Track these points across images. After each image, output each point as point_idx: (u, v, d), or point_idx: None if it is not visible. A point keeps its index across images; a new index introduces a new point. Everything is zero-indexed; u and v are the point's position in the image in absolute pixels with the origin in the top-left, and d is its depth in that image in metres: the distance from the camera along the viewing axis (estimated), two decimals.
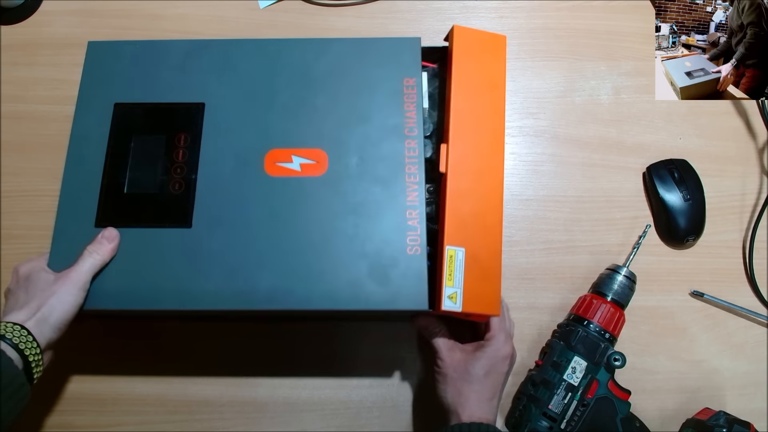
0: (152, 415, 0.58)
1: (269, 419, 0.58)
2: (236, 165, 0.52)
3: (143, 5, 0.68)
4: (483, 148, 0.52)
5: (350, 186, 0.51)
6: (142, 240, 0.50)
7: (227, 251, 0.50)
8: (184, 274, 0.49)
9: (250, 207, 0.51)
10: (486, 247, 0.50)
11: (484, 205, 0.51)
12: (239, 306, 0.49)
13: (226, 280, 0.49)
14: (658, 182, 0.62)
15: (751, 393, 0.59)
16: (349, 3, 0.68)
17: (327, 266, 0.49)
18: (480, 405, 0.49)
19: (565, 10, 0.68)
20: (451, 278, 0.48)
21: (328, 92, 0.54)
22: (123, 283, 0.49)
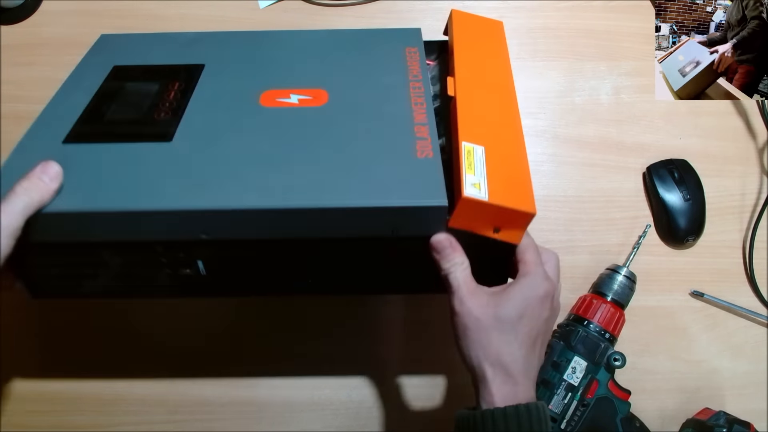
0: (152, 415, 0.58)
1: (269, 419, 0.58)
2: (230, 99, 0.48)
3: (143, 5, 0.68)
4: (491, 79, 0.49)
5: (353, 111, 0.46)
6: (115, 154, 0.43)
7: (212, 160, 0.42)
8: (159, 177, 0.41)
9: (241, 129, 0.45)
10: (508, 148, 0.42)
11: (499, 114, 0.45)
12: (228, 204, 0.39)
13: (210, 178, 0.41)
14: (658, 182, 0.62)
15: (751, 393, 0.59)
16: (349, 3, 0.68)
17: (329, 171, 0.41)
18: (514, 362, 0.38)
19: (565, 10, 0.68)
20: (472, 168, 0.39)
21: (330, 56, 0.52)
22: (86, 187, 0.41)
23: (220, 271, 0.43)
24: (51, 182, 0.39)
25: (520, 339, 0.39)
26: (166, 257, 0.42)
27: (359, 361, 0.59)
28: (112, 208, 0.39)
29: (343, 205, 0.39)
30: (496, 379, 0.38)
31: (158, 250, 0.42)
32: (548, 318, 0.41)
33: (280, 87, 0.48)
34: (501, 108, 0.46)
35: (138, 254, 0.42)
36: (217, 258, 0.42)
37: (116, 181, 0.41)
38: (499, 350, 0.38)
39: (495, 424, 0.37)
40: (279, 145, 0.43)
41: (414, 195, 0.39)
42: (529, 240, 0.42)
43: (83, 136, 0.45)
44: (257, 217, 0.39)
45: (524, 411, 0.37)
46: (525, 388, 0.38)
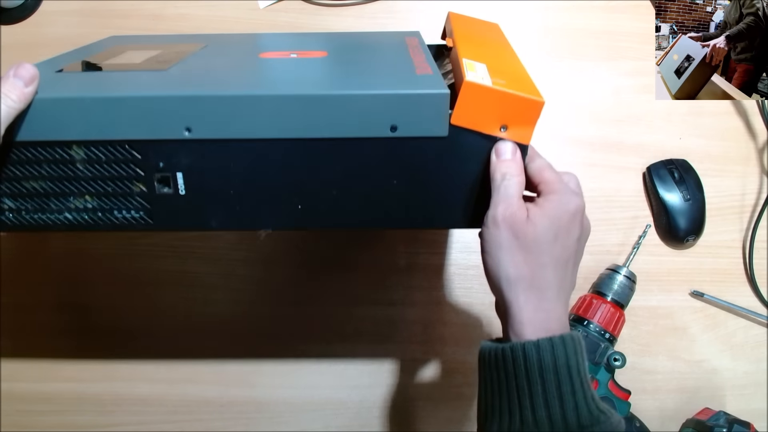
0: (152, 415, 0.58)
1: (269, 419, 0.58)
2: (229, 54, 0.47)
3: (143, 5, 0.68)
4: (491, 41, 0.48)
5: (353, 59, 0.45)
6: (109, 77, 0.41)
7: (205, 76, 0.41)
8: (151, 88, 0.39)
9: (238, 69, 0.43)
10: (510, 66, 0.41)
11: (499, 54, 0.44)
12: (215, 92, 0.37)
13: (205, 86, 0.39)
14: (658, 182, 0.62)
15: (751, 393, 0.59)
16: (349, 3, 0.68)
17: (326, 77, 0.41)
18: (548, 288, 0.35)
19: (565, 10, 0.68)
20: (473, 69, 0.38)
21: (330, 42, 0.52)
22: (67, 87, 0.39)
23: (200, 186, 0.39)
24: (27, 87, 0.35)
25: (554, 262, 0.36)
26: (142, 167, 0.38)
27: (358, 361, 0.59)
28: (88, 96, 0.37)
29: (339, 93, 0.37)
30: (528, 306, 0.35)
31: (135, 156, 0.38)
32: (579, 237, 0.38)
33: (279, 50, 0.47)
34: (499, 47, 0.45)
35: (111, 163, 0.38)
36: (199, 168, 0.38)
37: (99, 83, 0.39)
38: (533, 273, 0.35)
39: (527, 359, 0.33)
40: (274, 71, 0.42)
41: (413, 87, 0.37)
42: (543, 160, 0.40)
43: (78, 69, 0.43)
44: (246, 109, 0.36)
45: (559, 344, 0.33)
46: (558, 315, 0.35)
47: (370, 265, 0.61)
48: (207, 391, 0.58)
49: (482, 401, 0.36)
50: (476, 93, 0.36)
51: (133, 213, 0.40)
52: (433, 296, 0.61)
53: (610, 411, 0.34)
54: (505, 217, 0.36)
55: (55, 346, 0.60)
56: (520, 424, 0.33)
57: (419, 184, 0.39)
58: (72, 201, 0.40)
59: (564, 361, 0.33)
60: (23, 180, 0.39)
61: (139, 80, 0.40)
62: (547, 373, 0.33)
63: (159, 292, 0.61)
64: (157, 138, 0.37)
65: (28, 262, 0.61)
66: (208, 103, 0.36)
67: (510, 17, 0.68)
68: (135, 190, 0.39)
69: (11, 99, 0.34)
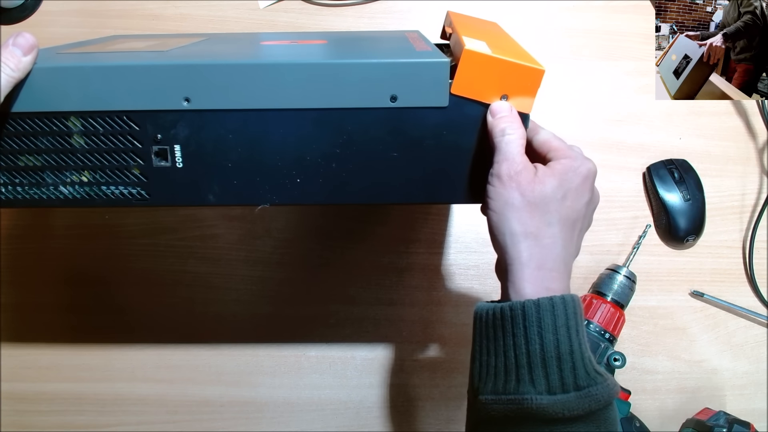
0: (152, 415, 0.58)
1: (269, 419, 0.58)
2: (230, 41, 0.47)
3: (143, 5, 0.68)
4: (491, 31, 0.48)
5: (353, 45, 0.45)
6: (108, 54, 0.41)
7: (205, 54, 0.41)
8: (150, 58, 0.39)
9: (238, 48, 0.43)
10: (509, 45, 0.41)
11: (499, 37, 0.44)
12: (215, 60, 0.37)
13: (204, 58, 0.39)
14: (658, 182, 0.62)
15: (751, 393, 0.59)
16: (349, 3, 0.68)
17: (328, 54, 0.40)
18: (552, 245, 0.35)
19: (565, 10, 0.68)
20: (473, 41, 0.38)
21: (330, 37, 0.51)
22: (65, 59, 0.38)
23: (198, 158, 0.38)
24: (25, 55, 0.35)
25: (562, 222, 0.35)
26: (140, 140, 0.38)
27: (358, 361, 0.59)
28: (89, 64, 0.36)
29: (338, 61, 0.36)
30: (531, 263, 0.34)
31: (132, 127, 0.38)
32: (589, 202, 0.37)
33: (281, 40, 0.47)
34: (499, 34, 0.45)
35: (108, 135, 0.38)
36: (197, 140, 0.38)
37: (98, 56, 0.39)
38: (539, 231, 0.35)
39: (526, 317, 0.33)
40: (274, 51, 0.41)
41: (414, 56, 0.37)
42: (548, 131, 0.40)
43: (79, 46, 0.43)
44: (245, 78, 0.36)
45: (560, 303, 0.33)
46: (560, 276, 0.35)
47: (370, 265, 0.61)
48: (207, 391, 0.58)
49: (476, 361, 0.35)
50: (476, 61, 0.36)
51: (130, 188, 0.39)
52: (433, 296, 0.61)
53: (606, 373, 0.33)
54: (511, 175, 0.35)
55: (55, 346, 0.60)
56: (515, 384, 0.33)
57: (420, 157, 0.39)
58: (68, 175, 0.39)
59: (564, 321, 0.33)
60: (19, 153, 0.39)
61: (138, 55, 0.40)
62: (546, 333, 0.32)
63: (159, 291, 0.61)
64: (155, 108, 0.37)
65: (27, 261, 0.61)
66: (207, 72, 0.36)
67: (510, 17, 0.68)
68: (132, 164, 0.38)
69: (9, 67, 0.34)
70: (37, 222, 0.62)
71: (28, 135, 0.38)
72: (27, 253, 0.61)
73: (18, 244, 0.62)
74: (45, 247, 0.62)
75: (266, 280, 0.61)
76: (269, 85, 0.36)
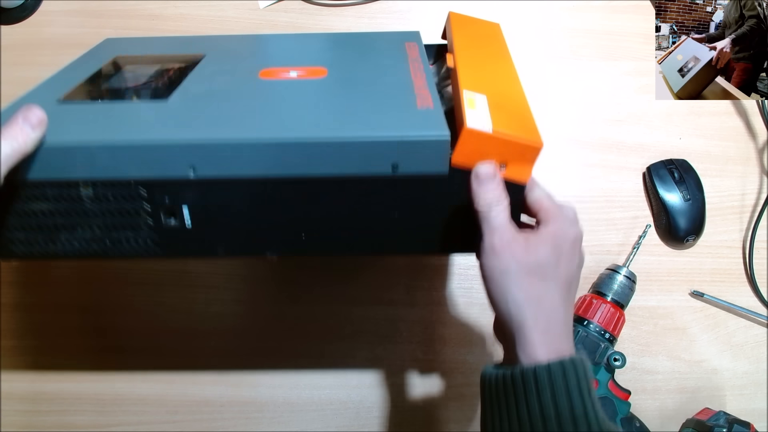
0: (152, 415, 0.58)
1: (269, 419, 0.58)
2: (229, 74, 0.47)
3: (143, 5, 0.68)
4: (491, 56, 0.49)
5: (352, 82, 0.45)
6: (107, 107, 0.42)
7: (206, 109, 0.41)
8: (149, 121, 0.40)
9: (240, 95, 0.44)
10: (510, 94, 0.42)
11: (498, 71, 0.45)
12: (218, 136, 0.38)
13: (204, 119, 0.39)
14: (658, 182, 0.62)
15: (751, 393, 0.59)
16: (349, 3, 0.68)
17: (328, 114, 0.40)
18: (555, 310, 0.36)
19: (565, 10, 0.68)
20: (473, 106, 0.38)
21: (331, 46, 0.52)
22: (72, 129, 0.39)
23: (206, 220, 0.40)
24: (33, 131, 0.36)
25: (559, 286, 0.36)
26: (149, 202, 0.39)
27: (358, 361, 0.59)
28: (94, 142, 0.37)
29: (340, 137, 0.37)
30: (538, 328, 0.35)
31: (141, 193, 0.39)
32: (579, 264, 0.38)
33: (280, 65, 0.47)
34: (500, 67, 0.46)
35: (119, 199, 0.39)
36: (204, 203, 0.39)
37: (104, 122, 0.40)
38: (541, 296, 0.35)
39: (538, 382, 0.34)
40: (275, 101, 0.42)
41: (415, 129, 0.38)
42: (542, 190, 0.40)
43: (80, 95, 0.44)
44: (248, 151, 0.37)
45: (570, 366, 0.33)
46: (566, 338, 0.36)
47: (370, 265, 0.61)
48: (207, 391, 0.58)
49: (488, 425, 0.36)
50: (477, 139, 0.37)
51: (142, 243, 0.41)
52: (433, 296, 0.61)
53: (618, 429, 0.34)
54: (504, 245, 0.36)
55: (55, 346, 0.60)
56: None
57: (419, 216, 0.40)
58: (81, 233, 0.41)
59: (575, 383, 0.33)
60: (32, 215, 0.40)
61: (142, 117, 0.40)
62: (559, 397, 0.33)
63: (160, 291, 0.61)
64: (162, 177, 0.38)
65: (26, 263, 0.61)
66: (211, 147, 0.37)
67: (510, 17, 0.68)
68: (143, 223, 0.40)
69: (17, 142, 0.35)
70: None
71: (39, 199, 0.39)
72: None
73: None
74: None
75: (267, 280, 0.61)
76: (271, 157, 0.37)
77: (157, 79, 0.46)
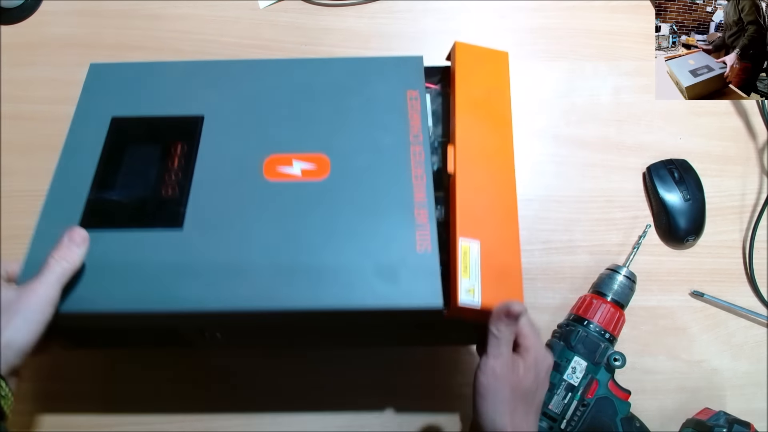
0: (153, 415, 0.58)
1: (270, 419, 0.58)
2: (234, 170, 0.50)
3: (143, 5, 0.68)
4: (491, 147, 0.50)
5: (354, 188, 0.49)
6: (130, 242, 0.47)
7: (222, 251, 0.46)
8: (174, 275, 0.45)
9: (247, 210, 0.48)
10: (502, 241, 0.46)
11: (496, 200, 0.48)
12: (235, 305, 0.44)
13: (221, 278, 0.45)
14: (658, 182, 0.62)
15: (751, 393, 0.59)
16: (349, 3, 0.68)
17: (329, 265, 0.45)
18: (531, 427, 0.42)
19: (565, 10, 0.68)
20: (467, 271, 0.44)
21: (330, 103, 0.53)
22: (106, 284, 0.44)
23: (237, 337, 0.50)
24: (79, 248, 0.43)
25: (534, 410, 0.43)
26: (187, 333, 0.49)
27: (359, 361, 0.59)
28: (131, 310, 0.44)
29: (344, 308, 0.44)
30: None
31: (179, 329, 0.48)
32: (546, 389, 0.45)
33: (282, 151, 0.50)
34: (498, 186, 0.49)
35: (160, 330, 0.48)
36: (234, 331, 0.49)
37: (133, 279, 0.45)
38: (522, 421, 0.41)
39: None
40: (285, 236, 0.47)
41: (412, 297, 0.43)
42: (527, 317, 0.44)
43: (97, 220, 0.48)
44: (266, 315, 0.44)
45: None
46: None
47: None
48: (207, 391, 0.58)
49: None
50: (467, 310, 0.42)
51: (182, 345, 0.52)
52: None
53: None
54: (504, 373, 0.41)
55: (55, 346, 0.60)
56: None
57: (415, 333, 0.49)
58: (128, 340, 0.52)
59: None
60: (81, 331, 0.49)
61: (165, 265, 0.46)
62: None
63: None
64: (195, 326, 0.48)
65: None
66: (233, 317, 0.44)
67: (511, 17, 0.68)
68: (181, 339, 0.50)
69: (67, 262, 0.42)
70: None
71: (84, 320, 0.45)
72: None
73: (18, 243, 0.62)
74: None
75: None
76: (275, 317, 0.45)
77: (164, 175, 0.50)
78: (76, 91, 0.55)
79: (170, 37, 0.67)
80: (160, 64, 0.56)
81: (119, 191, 0.49)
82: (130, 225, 0.47)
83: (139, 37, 0.67)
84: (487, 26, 0.68)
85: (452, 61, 0.54)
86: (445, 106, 0.55)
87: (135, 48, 0.67)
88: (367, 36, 0.67)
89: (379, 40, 0.67)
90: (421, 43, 0.67)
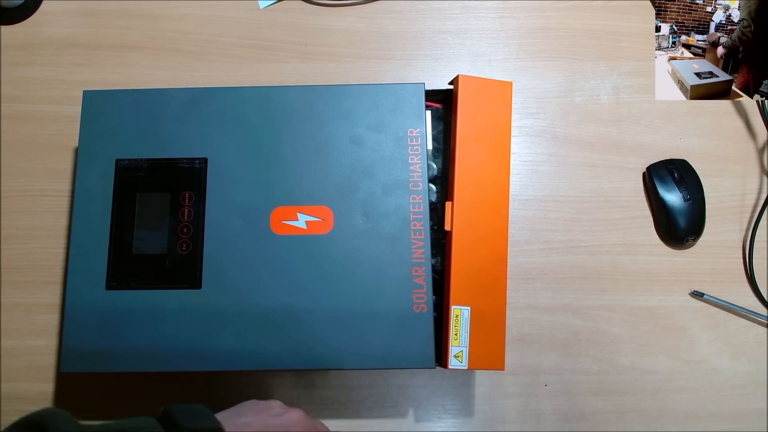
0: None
1: None
2: (243, 223, 0.52)
3: (143, 5, 0.68)
4: (488, 204, 0.52)
5: (356, 244, 0.52)
6: (154, 302, 0.51)
7: (237, 312, 0.51)
8: (196, 335, 0.50)
9: (258, 266, 0.52)
10: (491, 304, 0.51)
11: (489, 263, 0.52)
12: (251, 366, 0.50)
13: (237, 341, 0.50)
14: (658, 182, 0.62)
15: (751, 393, 0.59)
16: (349, 3, 0.68)
17: (333, 327, 0.50)
18: None
19: (565, 10, 0.68)
20: (457, 337, 0.50)
21: (332, 144, 0.54)
22: (135, 344, 0.50)
23: None
24: None
25: None
26: None
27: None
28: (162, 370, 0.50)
29: (338, 368, 0.51)
30: None
31: None
32: None
33: (287, 203, 0.53)
34: (492, 237, 0.52)
35: None
36: None
37: (162, 342, 0.50)
38: None
39: None
40: (293, 300, 0.51)
41: (407, 359, 0.50)
42: None
43: (121, 282, 0.52)
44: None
45: None
46: None
47: None
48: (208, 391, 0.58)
49: None
50: (456, 369, 0.50)
51: None
52: None
53: None
54: None
55: (55, 346, 0.60)
56: None
57: None
58: None
59: None
60: None
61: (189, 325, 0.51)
62: None
63: None
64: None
65: (25, 263, 0.62)
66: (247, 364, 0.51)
67: (511, 17, 0.68)
68: None
69: None
70: (37, 222, 0.62)
71: None
72: (27, 254, 0.61)
73: (18, 244, 0.62)
74: (46, 247, 0.62)
75: None
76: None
77: (177, 229, 0.52)
78: (76, 91, 0.55)
79: (170, 37, 0.67)
80: (156, 92, 0.56)
81: (136, 248, 0.52)
82: (153, 286, 0.51)
83: (139, 37, 0.67)
84: (487, 26, 0.68)
85: (455, 95, 0.54)
86: (446, 135, 0.56)
87: (135, 48, 0.67)
88: (367, 36, 0.67)
89: (379, 40, 0.67)
90: (421, 43, 0.67)
